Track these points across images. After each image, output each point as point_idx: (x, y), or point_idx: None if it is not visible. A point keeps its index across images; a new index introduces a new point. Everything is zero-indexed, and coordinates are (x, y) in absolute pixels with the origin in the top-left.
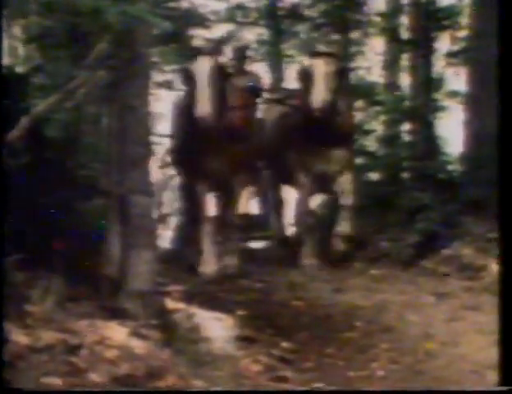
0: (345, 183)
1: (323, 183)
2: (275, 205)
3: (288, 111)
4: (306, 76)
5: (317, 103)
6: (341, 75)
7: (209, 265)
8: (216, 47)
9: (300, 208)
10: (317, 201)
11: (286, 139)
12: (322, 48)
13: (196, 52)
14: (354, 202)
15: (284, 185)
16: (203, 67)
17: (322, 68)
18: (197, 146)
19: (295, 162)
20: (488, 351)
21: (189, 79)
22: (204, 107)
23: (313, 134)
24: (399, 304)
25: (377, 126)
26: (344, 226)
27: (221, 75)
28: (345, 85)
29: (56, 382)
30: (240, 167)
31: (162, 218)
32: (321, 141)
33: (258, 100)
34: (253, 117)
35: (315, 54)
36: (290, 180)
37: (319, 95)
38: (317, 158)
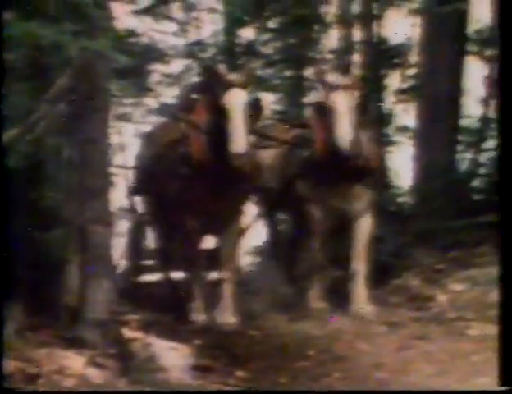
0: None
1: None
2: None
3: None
4: (324, 112)
5: (339, 140)
6: (363, 108)
7: (201, 315)
8: (248, 80)
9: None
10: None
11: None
12: (341, 79)
13: (228, 85)
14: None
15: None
16: (237, 101)
17: (343, 102)
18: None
19: (308, 195)
20: (436, 379)
21: (219, 111)
22: (240, 142)
23: (332, 170)
24: (351, 333)
25: None
26: None
27: (255, 110)
28: (367, 119)
29: None
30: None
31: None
32: (341, 178)
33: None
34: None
35: (335, 87)
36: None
37: (340, 131)
38: (332, 193)
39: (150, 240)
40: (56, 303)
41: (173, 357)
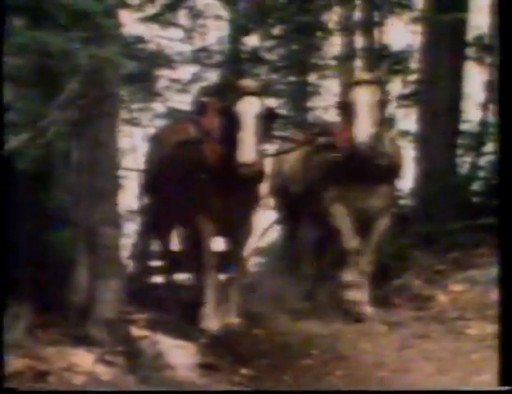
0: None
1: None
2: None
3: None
4: (347, 108)
5: (362, 138)
6: (385, 105)
7: (213, 321)
8: (263, 87)
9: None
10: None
11: (322, 174)
12: (364, 75)
13: (243, 93)
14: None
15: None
16: (250, 109)
17: (365, 98)
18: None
19: (334, 198)
20: (436, 378)
21: (231, 118)
22: (249, 153)
23: (355, 169)
24: (353, 333)
25: None
26: None
27: (268, 119)
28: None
29: None
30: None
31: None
32: (364, 177)
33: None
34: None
35: (357, 83)
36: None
37: (363, 129)
38: (359, 194)
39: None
40: (65, 302)
41: (180, 355)
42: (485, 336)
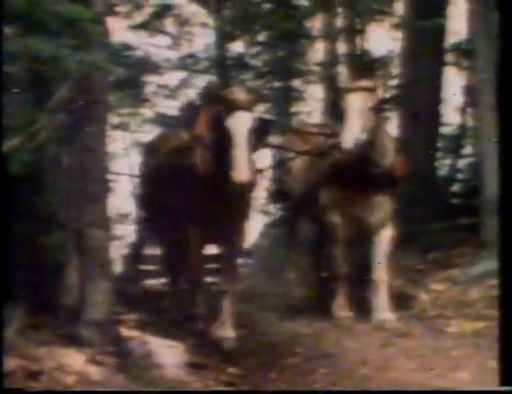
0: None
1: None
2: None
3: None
4: (338, 113)
5: (350, 144)
6: (379, 111)
7: (227, 330)
8: (254, 102)
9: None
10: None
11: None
12: (358, 82)
13: (234, 107)
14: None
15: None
16: (242, 124)
17: (357, 104)
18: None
19: (328, 203)
20: (416, 375)
21: (222, 132)
22: (243, 172)
23: (351, 177)
24: (336, 331)
25: None
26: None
27: (261, 130)
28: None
29: None
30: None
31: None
32: (357, 185)
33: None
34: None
35: (350, 90)
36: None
37: (352, 134)
38: (353, 202)
39: (152, 246)
40: (56, 304)
41: (168, 354)
42: (464, 334)
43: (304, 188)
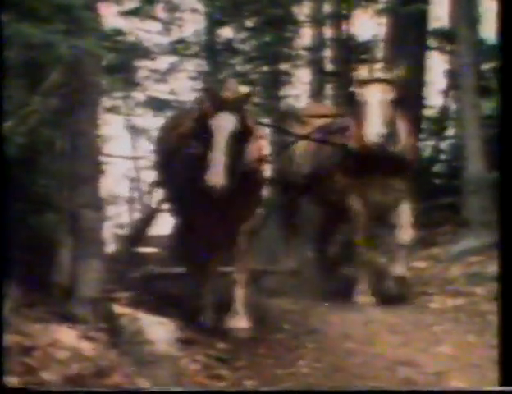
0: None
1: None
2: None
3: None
4: (357, 106)
5: (371, 137)
6: (399, 103)
7: (241, 320)
8: (240, 103)
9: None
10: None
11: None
12: (378, 74)
13: (219, 107)
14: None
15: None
16: (224, 126)
17: (377, 97)
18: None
19: (348, 189)
20: (399, 350)
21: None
22: (217, 177)
23: (366, 164)
24: (322, 308)
25: None
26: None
27: (243, 136)
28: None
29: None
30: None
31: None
32: (376, 171)
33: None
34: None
35: (369, 81)
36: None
37: (373, 128)
38: (372, 187)
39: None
40: (50, 282)
41: (159, 331)
42: (445, 310)
43: (312, 169)
